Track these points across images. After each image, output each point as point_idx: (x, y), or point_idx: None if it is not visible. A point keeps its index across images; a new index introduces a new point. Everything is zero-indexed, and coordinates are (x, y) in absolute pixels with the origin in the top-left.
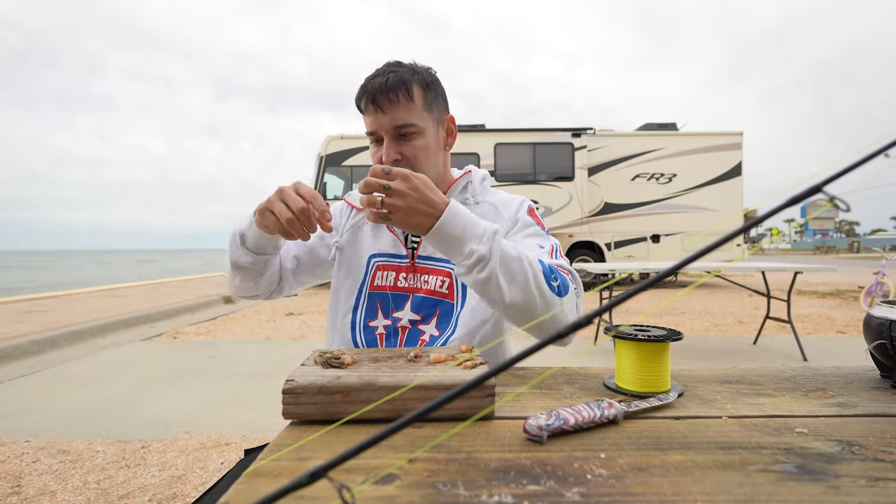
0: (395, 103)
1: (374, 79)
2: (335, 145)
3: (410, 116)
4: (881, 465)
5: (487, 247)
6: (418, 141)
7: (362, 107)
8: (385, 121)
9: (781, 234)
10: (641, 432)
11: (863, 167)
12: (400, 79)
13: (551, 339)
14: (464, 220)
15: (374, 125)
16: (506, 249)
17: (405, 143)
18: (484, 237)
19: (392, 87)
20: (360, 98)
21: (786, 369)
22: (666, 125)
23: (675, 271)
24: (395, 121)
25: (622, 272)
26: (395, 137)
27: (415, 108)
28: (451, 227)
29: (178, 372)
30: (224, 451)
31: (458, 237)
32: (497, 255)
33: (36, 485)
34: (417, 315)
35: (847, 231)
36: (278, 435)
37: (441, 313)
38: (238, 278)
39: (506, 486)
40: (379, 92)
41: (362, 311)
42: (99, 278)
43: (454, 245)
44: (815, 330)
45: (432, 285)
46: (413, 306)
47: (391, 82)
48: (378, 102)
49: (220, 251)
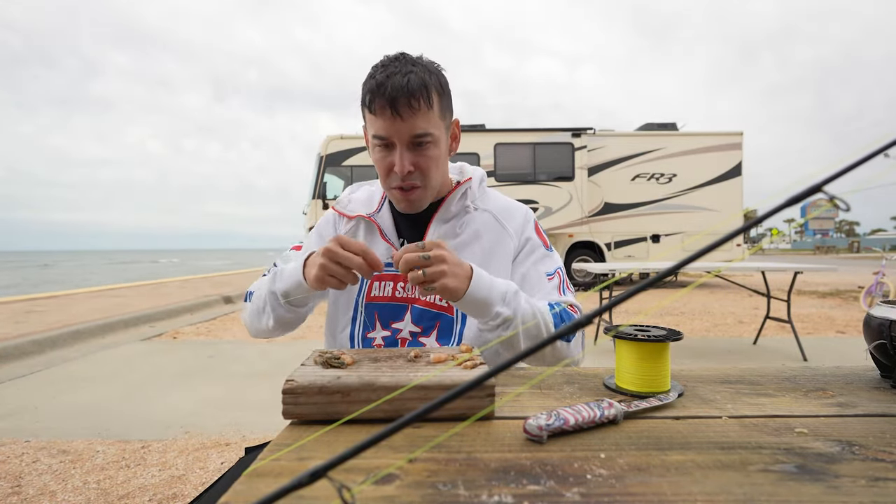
0: (416, 110)
1: (392, 77)
2: (335, 145)
3: (428, 125)
4: (881, 465)
5: (511, 309)
6: (432, 151)
7: (374, 108)
8: (403, 129)
9: (781, 234)
10: (641, 432)
11: (863, 167)
12: (421, 82)
13: (551, 339)
14: (488, 282)
15: (389, 131)
16: (525, 310)
17: (419, 152)
18: (507, 298)
19: (414, 91)
20: (372, 98)
21: (786, 369)
22: (666, 125)
23: (675, 271)
24: (414, 130)
25: (622, 272)
26: (409, 146)
27: (432, 116)
28: (479, 289)
29: (178, 372)
30: (224, 451)
31: (486, 299)
32: (519, 317)
33: (36, 485)
34: (417, 327)
35: (847, 231)
36: (278, 435)
37: (441, 327)
38: (274, 328)
39: (506, 486)
40: (400, 95)
41: (360, 323)
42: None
43: (482, 307)
44: (815, 330)
45: (432, 297)
46: (413, 318)
47: (413, 85)
48: (398, 108)
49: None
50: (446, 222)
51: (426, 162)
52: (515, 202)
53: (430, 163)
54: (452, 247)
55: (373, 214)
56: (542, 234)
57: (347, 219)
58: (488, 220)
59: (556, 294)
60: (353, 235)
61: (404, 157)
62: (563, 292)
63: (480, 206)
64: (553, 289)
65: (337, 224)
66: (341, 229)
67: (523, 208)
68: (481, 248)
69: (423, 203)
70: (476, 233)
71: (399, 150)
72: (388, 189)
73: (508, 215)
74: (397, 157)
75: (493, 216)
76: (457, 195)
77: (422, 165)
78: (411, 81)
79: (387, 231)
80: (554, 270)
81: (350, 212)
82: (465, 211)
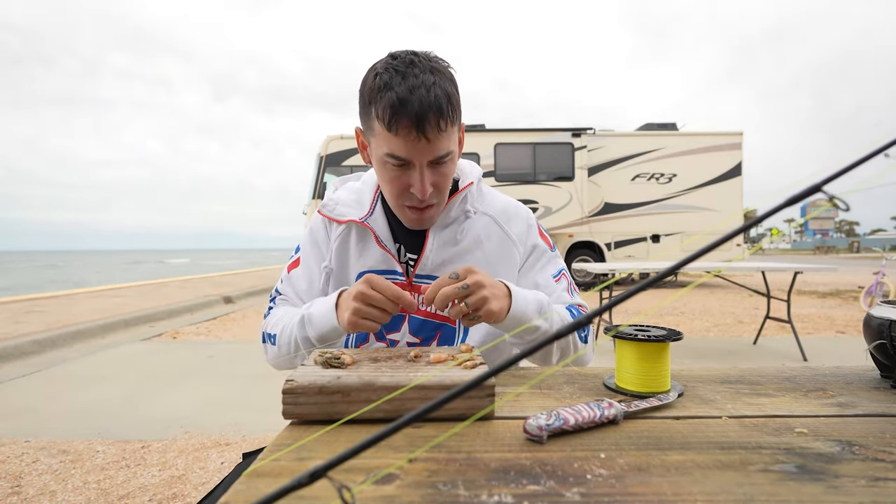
0: (442, 132)
1: (415, 92)
2: (335, 145)
3: (450, 143)
4: (881, 465)
5: (549, 322)
6: (450, 168)
7: (396, 128)
8: (427, 151)
9: (781, 233)
10: (641, 432)
11: (863, 167)
12: (447, 97)
13: (551, 338)
14: (523, 296)
15: (411, 154)
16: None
17: (438, 171)
18: (542, 310)
19: (442, 110)
20: (395, 116)
21: (786, 369)
22: (666, 125)
23: (675, 271)
24: (439, 151)
25: (622, 272)
26: (430, 166)
27: (454, 132)
28: (519, 305)
29: (178, 372)
30: (224, 451)
31: (525, 314)
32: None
33: (36, 485)
34: (416, 338)
35: (847, 231)
36: (278, 435)
37: (442, 336)
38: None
39: (506, 486)
40: (430, 112)
41: (353, 334)
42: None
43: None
44: (815, 330)
45: None
46: (412, 328)
47: (441, 102)
48: (425, 130)
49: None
50: (446, 227)
51: (444, 180)
52: (515, 202)
53: (447, 180)
54: (454, 254)
55: (365, 218)
56: (545, 237)
57: (337, 224)
58: (489, 224)
59: (566, 296)
60: (345, 242)
61: (425, 179)
62: (571, 293)
63: (480, 210)
64: (563, 291)
65: (329, 229)
66: (333, 234)
67: (524, 211)
68: (484, 255)
69: (435, 219)
70: (477, 239)
71: (419, 170)
72: (399, 206)
73: (509, 219)
74: (417, 178)
75: (494, 220)
76: (457, 200)
77: (440, 184)
78: (438, 97)
79: (382, 237)
80: (559, 272)
81: (339, 216)
82: (466, 216)
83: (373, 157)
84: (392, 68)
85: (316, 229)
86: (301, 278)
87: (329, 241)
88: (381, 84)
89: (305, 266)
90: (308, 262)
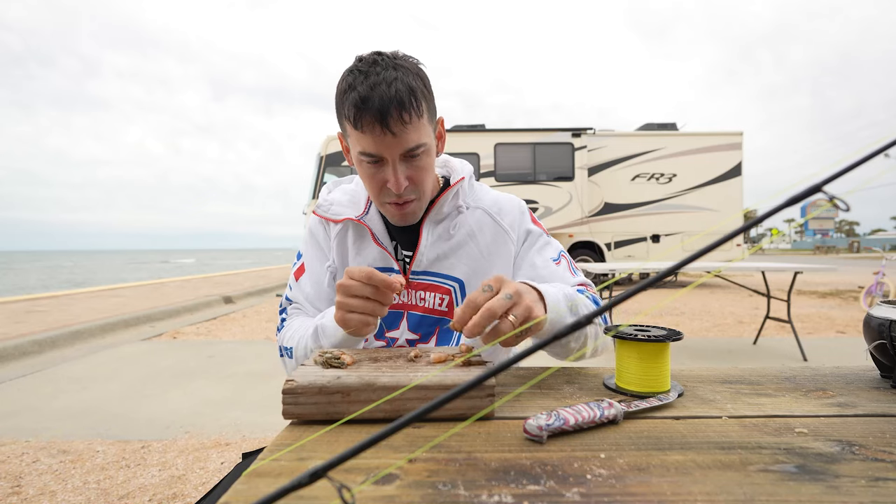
0: (407, 124)
1: (376, 88)
2: (335, 145)
3: (420, 136)
4: (881, 465)
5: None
6: (425, 161)
7: (361, 125)
8: (395, 145)
9: (781, 234)
10: (641, 432)
11: (862, 167)
12: (409, 90)
13: (551, 339)
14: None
15: (379, 148)
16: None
17: (412, 164)
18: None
19: (404, 102)
20: (358, 113)
21: (786, 369)
22: (666, 125)
23: (675, 271)
24: (407, 144)
25: (622, 272)
26: (402, 160)
27: (423, 125)
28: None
29: (178, 372)
30: (224, 451)
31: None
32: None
33: (36, 485)
34: (416, 334)
35: (847, 231)
36: (278, 435)
37: (441, 331)
38: None
39: (506, 486)
40: (389, 109)
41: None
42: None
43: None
44: (815, 330)
45: (430, 303)
46: (410, 325)
47: (402, 96)
48: (388, 124)
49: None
50: (439, 223)
51: (420, 174)
52: (506, 195)
53: (423, 174)
54: (448, 249)
55: (361, 217)
56: (538, 223)
57: (334, 223)
58: (481, 217)
59: (569, 276)
60: (343, 240)
61: (398, 173)
62: (574, 272)
63: (472, 204)
64: (565, 272)
65: (327, 228)
66: (331, 234)
67: (516, 201)
68: (477, 247)
69: (418, 215)
70: (470, 232)
71: (392, 165)
72: (380, 204)
73: (501, 209)
74: (390, 173)
75: (486, 212)
76: (449, 196)
77: (416, 178)
78: (399, 91)
79: (378, 234)
80: (559, 255)
81: (334, 215)
82: (458, 211)
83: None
84: (356, 70)
85: (315, 230)
86: (308, 283)
87: (329, 239)
88: (346, 86)
89: (311, 270)
90: (312, 265)
